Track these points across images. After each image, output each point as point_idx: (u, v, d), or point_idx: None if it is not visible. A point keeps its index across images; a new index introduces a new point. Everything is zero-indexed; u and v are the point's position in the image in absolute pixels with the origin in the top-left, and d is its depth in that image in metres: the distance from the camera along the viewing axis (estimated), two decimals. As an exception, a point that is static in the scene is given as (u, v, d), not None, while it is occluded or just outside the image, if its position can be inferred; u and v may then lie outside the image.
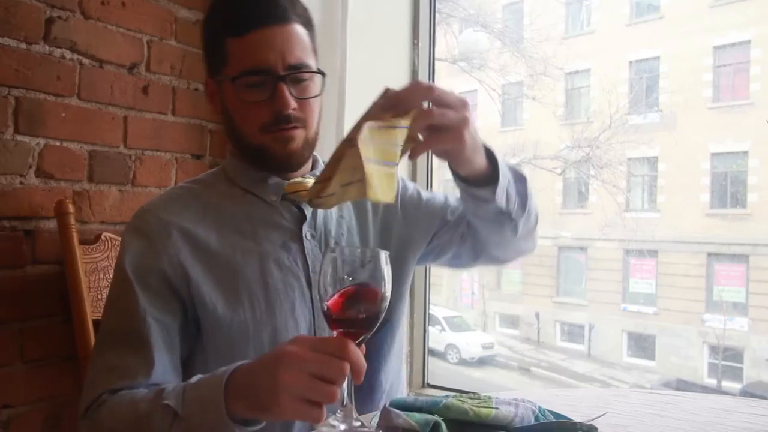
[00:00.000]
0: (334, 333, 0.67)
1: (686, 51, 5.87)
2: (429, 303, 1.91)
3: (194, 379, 0.76)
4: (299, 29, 0.92)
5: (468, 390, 1.11)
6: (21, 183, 1.30)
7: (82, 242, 1.33)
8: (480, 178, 0.86)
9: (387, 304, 0.67)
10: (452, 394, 0.82)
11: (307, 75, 0.92)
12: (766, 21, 5.47)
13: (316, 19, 1.12)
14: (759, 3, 5.54)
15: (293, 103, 0.90)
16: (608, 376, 5.99)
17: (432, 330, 1.96)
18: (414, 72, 1.83)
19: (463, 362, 6.30)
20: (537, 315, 6.85)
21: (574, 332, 6.65)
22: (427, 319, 1.89)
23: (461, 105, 0.78)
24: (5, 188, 1.28)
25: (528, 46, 6.46)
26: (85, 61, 1.41)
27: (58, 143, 1.36)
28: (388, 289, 0.67)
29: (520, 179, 0.93)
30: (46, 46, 1.34)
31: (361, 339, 0.66)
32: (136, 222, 0.95)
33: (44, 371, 1.34)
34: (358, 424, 0.67)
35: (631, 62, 6.28)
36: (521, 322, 7.05)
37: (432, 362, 1.91)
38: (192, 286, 0.88)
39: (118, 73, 1.48)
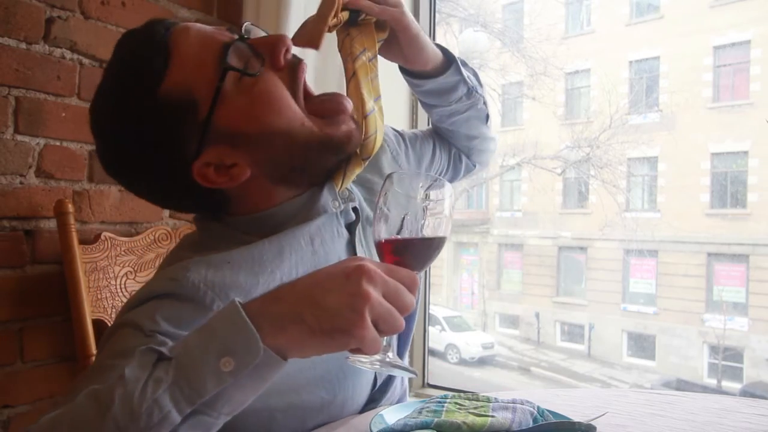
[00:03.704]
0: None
1: (686, 51, 5.87)
2: (429, 303, 1.91)
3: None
4: None
5: (468, 390, 1.11)
6: (21, 183, 1.30)
7: (82, 242, 1.33)
8: (440, 66, 0.92)
9: (446, 241, 0.64)
10: (451, 393, 0.82)
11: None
12: (766, 21, 5.47)
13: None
14: (759, 3, 5.54)
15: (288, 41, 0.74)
16: (608, 376, 5.99)
17: (432, 330, 1.96)
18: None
19: (463, 362, 6.30)
20: (537, 315, 6.85)
21: (574, 332, 6.65)
22: (427, 319, 1.89)
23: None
24: (5, 188, 1.28)
25: (528, 46, 6.46)
26: (85, 61, 1.41)
27: (58, 143, 1.36)
28: (449, 225, 0.63)
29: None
30: (46, 46, 1.34)
31: None
32: (168, 285, 0.69)
33: (44, 371, 1.34)
34: (391, 358, 0.62)
35: (631, 62, 6.28)
36: (521, 322, 7.05)
37: (432, 362, 1.91)
38: None
39: (118, 73, 1.48)
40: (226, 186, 0.73)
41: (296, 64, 0.74)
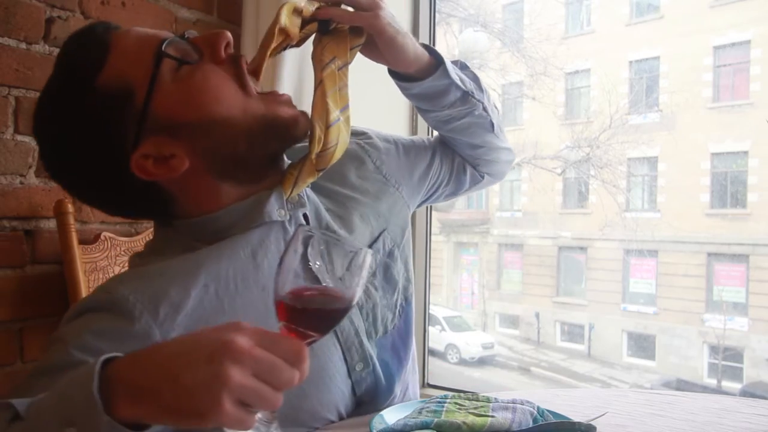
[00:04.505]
0: (280, 325, 0.57)
1: (686, 51, 5.86)
2: (429, 303, 1.91)
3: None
4: None
5: (468, 390, 1.12)
6: (21, 183, 1.30)
7: (82, 242, 1.33)
8: (426, 68, 0.88)
9: (353, 309, 0.59)
10: (451, 393, 0.82)
11: None
12: (766, 21, 5.47)
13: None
14: (759, 3, 5.54)
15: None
16: (608, 376, 5.98)
17: (432, 330, 1.96)
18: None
19: (463, 362, 6.29)
20: (537, 315, 6.85)
21: (574, 332, 6.64)
22: (427, 319, 1.89)
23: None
24: (5, 188, 1.28)
25: (528, 46, 6.45)
26: (85, 61, 1.41)
27: (58, 143, 1.36)
28: (359, 292, 0.58)
29: (457, 64, 0.96)
30: (46, 46, 1.34)
31: (310, 341, 0.57)
32: (101, 298, 0.70)
33: (44, 371, 1.34)
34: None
35: (631, 62, 6.27)
36: (521, 322, 7.05)
37: (432, 362, 1.92)
38: None
39: (118, 73, 1.48)
40: (165, 177, 0.73)
41: (237, 57, 0.74)
